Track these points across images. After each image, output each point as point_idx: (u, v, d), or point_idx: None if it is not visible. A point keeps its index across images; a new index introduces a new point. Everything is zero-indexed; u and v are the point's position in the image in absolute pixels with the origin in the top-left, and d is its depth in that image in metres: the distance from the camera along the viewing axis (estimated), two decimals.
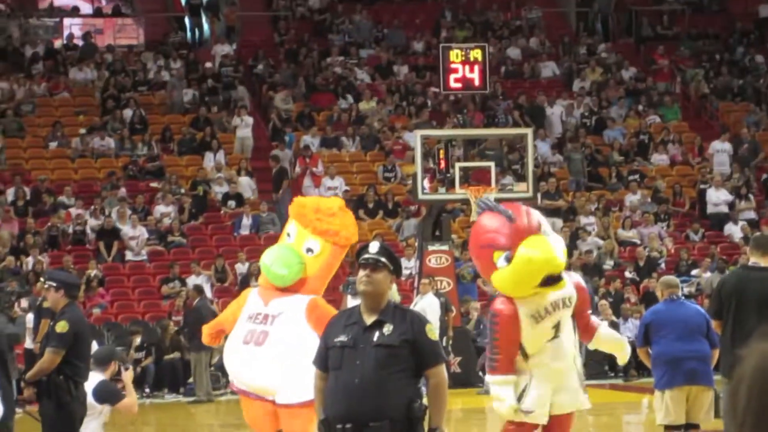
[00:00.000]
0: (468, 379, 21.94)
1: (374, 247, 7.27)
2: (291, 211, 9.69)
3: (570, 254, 26.31)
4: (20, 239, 25.66)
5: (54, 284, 10.47)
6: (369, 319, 7.06)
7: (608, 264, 26.62)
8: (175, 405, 21.98)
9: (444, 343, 19.91)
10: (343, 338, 7.09)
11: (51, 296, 10.52)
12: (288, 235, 9.61)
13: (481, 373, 21.80)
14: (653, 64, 33.87)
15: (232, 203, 27.68)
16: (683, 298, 12.17)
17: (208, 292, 23.82)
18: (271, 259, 9.40)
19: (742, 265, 11.32)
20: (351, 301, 17.44)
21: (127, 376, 10.70)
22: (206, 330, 10.21)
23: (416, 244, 23.89)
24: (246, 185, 28.12)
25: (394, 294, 13.14)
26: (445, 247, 22.91)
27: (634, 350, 12.36)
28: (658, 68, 33.66)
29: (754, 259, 10.69)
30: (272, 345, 9.15)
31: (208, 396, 21.25)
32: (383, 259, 7.10)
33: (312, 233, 9.46)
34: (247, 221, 27.35)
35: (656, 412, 11.21)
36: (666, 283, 11.84)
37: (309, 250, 9.44)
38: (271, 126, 30.25)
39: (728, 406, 1.62)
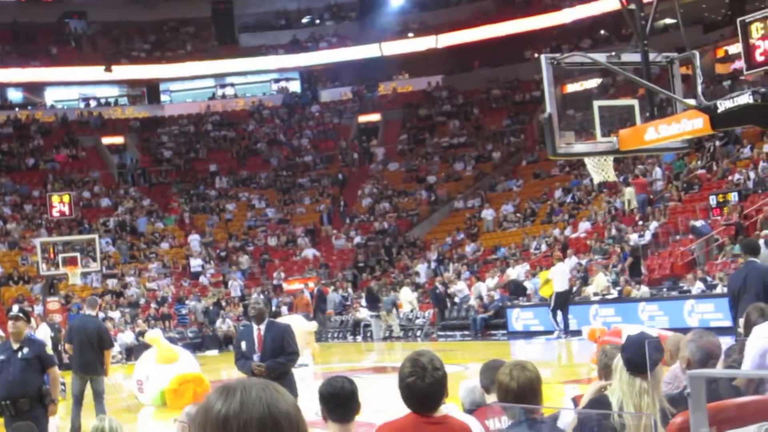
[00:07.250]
0: None
1: (15, 309, 7.77)
2: None
3: None
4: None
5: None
6: (15, 346, 7.66)
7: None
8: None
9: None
10: (2, 357, 7.69)
11: None
12: None
13: None
14: (168, 205, 34.70)
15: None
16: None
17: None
18: None
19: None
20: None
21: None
22: None
23: None
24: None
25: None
26: None
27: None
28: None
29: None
30: None
31: None
32: (21, 315, 7.62)
33: None
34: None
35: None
36: None
37: None
38: None
39: None
